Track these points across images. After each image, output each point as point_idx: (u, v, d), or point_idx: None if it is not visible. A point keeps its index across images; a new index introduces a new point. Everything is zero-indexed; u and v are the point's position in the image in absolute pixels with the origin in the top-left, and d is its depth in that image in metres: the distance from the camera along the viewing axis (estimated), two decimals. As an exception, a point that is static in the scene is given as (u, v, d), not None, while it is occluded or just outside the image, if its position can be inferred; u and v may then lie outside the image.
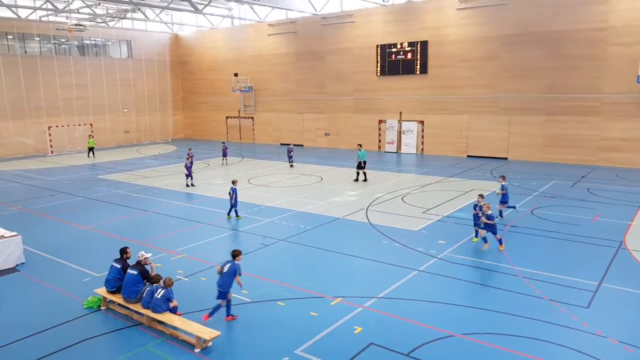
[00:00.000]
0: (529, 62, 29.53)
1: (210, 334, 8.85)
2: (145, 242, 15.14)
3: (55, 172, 29.89)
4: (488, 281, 11.73)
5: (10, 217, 18.64)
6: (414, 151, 34.82)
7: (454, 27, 32.01)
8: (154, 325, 9.66)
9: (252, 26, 42.58)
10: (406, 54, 34.00)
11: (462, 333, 9.25)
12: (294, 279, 11.98)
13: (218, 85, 46.26)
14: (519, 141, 30.65)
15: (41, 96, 38.87)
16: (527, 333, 9.23)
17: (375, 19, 35.42)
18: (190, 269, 12.84)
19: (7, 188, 24.79)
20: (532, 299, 10.75)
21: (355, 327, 9.53)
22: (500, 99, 31.01)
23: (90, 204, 20.97)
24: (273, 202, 20.25)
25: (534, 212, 18.02)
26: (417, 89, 34.19)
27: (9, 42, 37.68)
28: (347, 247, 14.41)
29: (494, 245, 14.17)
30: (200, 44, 47.20)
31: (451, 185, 23.24)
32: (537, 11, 28.80)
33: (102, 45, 43.70)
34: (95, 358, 8.73)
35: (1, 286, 12.17)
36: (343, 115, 38.32)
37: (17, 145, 37.96)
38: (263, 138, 43.48)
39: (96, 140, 39.36)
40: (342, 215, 17.98)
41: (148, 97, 46.75)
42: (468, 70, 31.84)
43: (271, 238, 15.40)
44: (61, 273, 12.83)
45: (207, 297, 10.92)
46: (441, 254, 13.64)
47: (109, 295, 10.43)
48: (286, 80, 41.17)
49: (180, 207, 20.15)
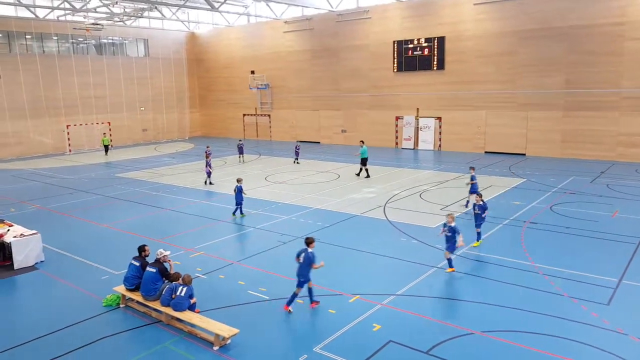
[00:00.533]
0: (546, 58, 29.08)
1: (229, 332, 8.85)
2: (164, 239, 15.23)
3: (73, 170, 30.26)
4: (507, 278, 11.55)
5: (29, 216, 18.90)
6: (431, 147, 34.55)
7: (471, 23, 31.65)
8: (173, 323, 9.69)
9: (268, 23, 42.61)
10: (423, 49, 33.71)
11: (482, 330, 9.13)
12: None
13: (234, 83, 46.40)
14: (537, 137, 30.22)
15: (59, 95, 39.37)
16: (547, 330, 9.08)
17: (391, 15, 35.17)
18: (208, 266, 12.87)
19: (26, 186, 25.15)
20: (551, 295, 10.58)
21: (374, 325, 9.45)
22: (517, 94, 30.59)
23: (109, 202, 21.17)
24: (290, 200, 20.24)
25: (553, 208, 17.74)
26: (434, 85, 33.89)
27: (28, 42, 38.21)
28: (365, 244, 14.33)
29: (513, 240, 13.99)
30: (216, 41, 47.38)
31: (469, 181, 22.96)
32: (555, 6, 28.37)
33: (119, 44, 44.11)
34: (114, 356, 8.77)
35: (21, 284, 12.34)
36: (359, 112, 38.17)
37: (36, 144, 38.53)
38: (280, 135, 43.51)
39: (113, 139, 39.78)
40: (360, 213, 17.89)
41: (165, 95, 47.10)
42: (485, 66, 31.47)
43: (289, 235, 15.37)
44: (80, 271, 12.95)
45: (225, 295, 10.94)
46: (460, 250, 13.46)
47: (127, 293, 10.49)
48: (302, 78, 41.13)
49: (197, 204, 20.24)
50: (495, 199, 19.40)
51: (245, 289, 11.33)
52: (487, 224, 15.72)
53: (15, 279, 12.58)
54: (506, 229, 15.41)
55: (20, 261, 13.13)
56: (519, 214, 16.98)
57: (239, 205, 17.79)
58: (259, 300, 10.73)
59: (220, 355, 8.62)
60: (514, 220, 16.28)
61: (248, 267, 12.80)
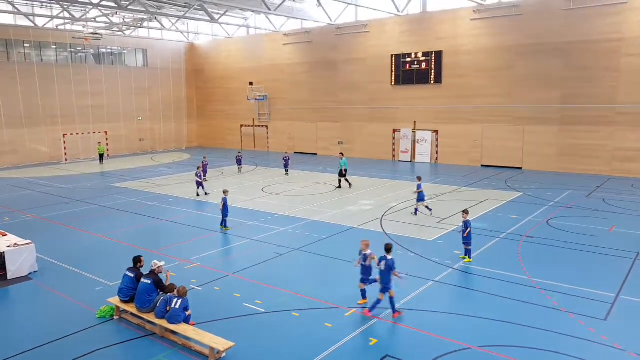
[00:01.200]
0: (543, 72, 29.31)
1: (224, 345, 8.75)
2: (159, 250, 15.14)
3: (69, 179, 30.14)
4: (504, 292, 11.50)
5: (24, 225, 18.77)
6: (428, 160, 34.61)
7: (468, 38, 31.91)
8: (167, 336, 9.58)
9: (268, 36, 42.84)
10: (421, 63, 33.91)
11: (479, 345, 9.07)
12: (308, 289, 11.86)
13: (233, 94, 46.50)
14: (533, 151, 30.34)
15: (56, 104, 39.32)
16: (544, 345, 9.04)
17: (389, 29, 35.43)
18: (204, 278, 12.78)
19: (21, 195, 25.02)
20: (548, 310, 10.54)
21: (370, 339, 9.39)
22: (514, 108, 30.76)
23: (104, 212, 21.07)
24: (287, 211, 20.18)
25: (550, 222, 17.74)
26: (432, 99, 34.05)
27: (26, 51, 38.24)
28: (361, 257, 14.25)
29: (510, 254, 13.97)
30: (215, 53, 47.56)
31: (466, 194, 23.01)
32: (551, 22, 28.65)
33: (118, 54, 44.21)
34: (108, 367, 8.67)
35: (14, 294, 12.21)
36: (357, 124, 38.28)
37: (32, 153, 38.40)
38: (277, 147, 43.53)
39: (110, 148, 39.73)
40: (357, 225, 17.85)
41: (163, 105, 47.13)
42: (482, 80, 31.67)
43: (285, 247, 15.31)
44: (74, 282, 12.83)
45: (220, 307, 10.85)
46: (457, 264, 13.45)
47: (122, 305, 10.38)
48: (300, 89, 41.27)
49: (193, 215, 20.16)
50: (492, 212, 19.40)
51: (241, 301, 11.24)
52: (484, 238, 15.76)
53: (8, 289, 12.45)
54: (503, 243, 15.39)
55: (14, 271, 13.00)
56: (515, 228, 16.97)
57: (224, 217, 17.71)
58: (254, 312, 10.64)
59: (215, 369, 8.53)
60: (510, 234, 16.27)
61: (244, 279, 12.71)
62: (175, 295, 9.64)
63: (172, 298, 9.60)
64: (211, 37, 47.64)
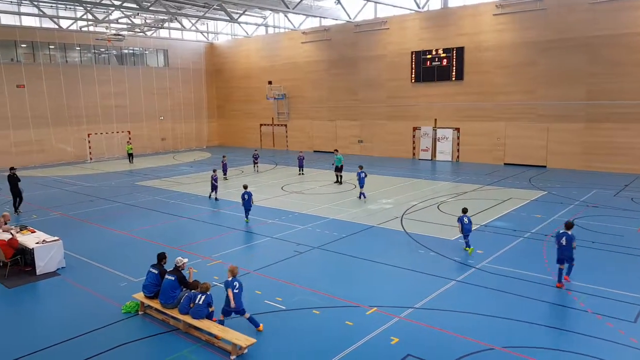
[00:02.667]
0: (568, 68, 28.78)
1: (247, 341, 8.82)
2: (182, 247, 15.31)
3: (94, 178, 30.67)
4: (529, 293, 11.33)
5: (51, 222, 19.16)
6: (449, 159, 34.31)
7: (490, 33, 31.51)
8: (190, 331, 9.69)
9: (286, 34, 42.93)
10: (441, 60, 33.62)
11: (503, 346, 8.96)
12: (329, 287, 11.87)
13: (252, 93, 46.73)
14: (558, 149, 29.83)
15: (81, 104, 40.04)
16: (571, 347, 8.87)
17: (409, 25, 35.19)
18: (225, 275, 12.80)
19: (48, 194, 25.54)
20: (575, 312, 10.35)
21: (392, 338, 9.34)
22: (538, 105, 30.29)
23: (128, 209, 21.38)
24: (306, 209, 20.22)
25: (576, 221, 17.40)
26: (453, 96, 33.74)
27: (51, 52, 38.99)
28: (382, 255, 14.22)
29: (534, 254, 13.79)
30: (234, 52, 47.85)
31: (488, 193, 22.75)
32: (577, 16, 28.10)
33: (139, 55, 44.79)
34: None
35: (43, 290, 12.49)
36: (376, 122, 38.13)
37: (58, 152, 39.17)
38: (296, 145, 43.59)
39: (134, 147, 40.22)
40: (377, 224, 17.79)
41: (184, 105, 47.62)
42: (505, 77, 31.25)
43: (305, 245, 15.34)
44: (100, 277, 13.07)
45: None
46: (479, 263, 13.31)
47: (146, 300, 10.53)
48: (319, 88, 41.28)
49: (215, 213, 20.34)
50: (515, 211, 19.14)
51: (262, 298, 11.30)
52: (508, 238, 15.61)
53: (37, 284, 12.75)
54: (527, 243, 15.18)
55: (43, 267, 13.31)
56: (539, 228, 16.72)
57: (247, 210, 18.38)
58: (275, 310, 10.69)
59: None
60: (535, 234, 16.03)
61: (264, 276, 12.78)
62: (199, 291, 9.73)
63: (196, 295, 9.69)
64: (230, 37, 47.96)
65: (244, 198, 18.16)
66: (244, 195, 18.16)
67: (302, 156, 30.10)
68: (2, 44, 36.06)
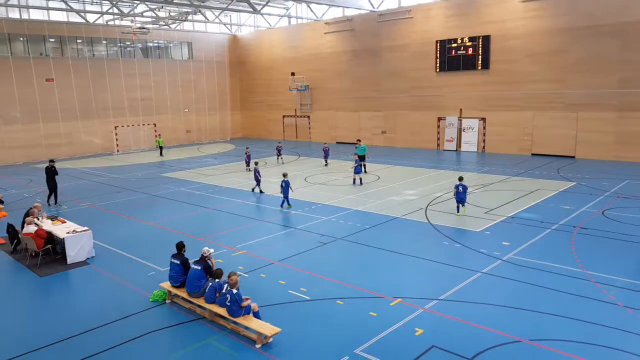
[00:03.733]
0: (599, 56, 28.00)
1: (271, 331, 8.89)
2: (207, 238, 15.50)
3: (121, 170, 31.21)
4: (556, 285, 11.14)
5: (81, 213, 19.59)
6: (474, 149, 33.86)
7: (518, 21, 30.84)
8: (216, 320, 9.82)
9: (309, 25, 42.81)
10: (467, 49, 33.10)
11: (530, 339, 8.83)
12: (352, 278, 11.87)
13: (275, 85, 46.82)
14: (587, 139, 29.13)
15: (108, 97, 40.72)
16: (600, 341, 8.69)
17: (434, 14, 34.70)
18: (250, 265, 13.00)
19: (77, 185, 26.10)
20: (604, 305, 10.13)
21: (416, 329, 9.30)
22: (567, 94, 29.59)
23: (155, 200, 21.71)
24: (330, 201, 20.22)
25: (606, 213, 17.04)
26: (479, 85, 33.21)
27: (78, 46, 39.68)
28: (406, 247, 14.15)
29: (563, 246, 13.54)
30: (257, 44, 47.94)
31: (515, 184, 22.40)
32: (609, 2, 27.27)
33: (164, 47, 45.26)
34: (160, 350, 8.97)
35: (73, 278, 12.80)
36: (400, 112, 37.82)
37: (86, 144, 39.97)
38: (319, 137, 43.59)
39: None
40: (401, 215, 17.69)
41: (208, 97, 48.02)
42: (533, 65, 30.59)
43: (329, 237, 15.35)
44: (128, 267, 13.33)
45: (266, 294, 11.00)
46: (506, 255, 13.12)
47: (173, 289, 10.70)
48: (342, 79, 41.11)
49: (239, 204, 20.49)
50: (543, 202, 18.80)
51: (286, 288, 11.37)
52: (535, 229, 15.38)
53: (68, 273, 13.07)
54: (555, 235, 14.90)
55: (73, 256, 13.63)
56: (568, 219, 16.39)
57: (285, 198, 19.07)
58: (300, 300, 10.74)
59: (262, 353, 8.67)
60: (563, 226, 15.72)
61: (288, 266, 12.85)
62: (224, 281, 9.76)
63: (221, 285, 9.77)
64: (253, 29, 48.05)
65: (282, 186, 19.10)
66: (282, 183, 19.10)
67: (327, 147, 30.08)
68: (32, 39, 36.84)
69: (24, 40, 36.55)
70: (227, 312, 9.46)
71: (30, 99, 36.59)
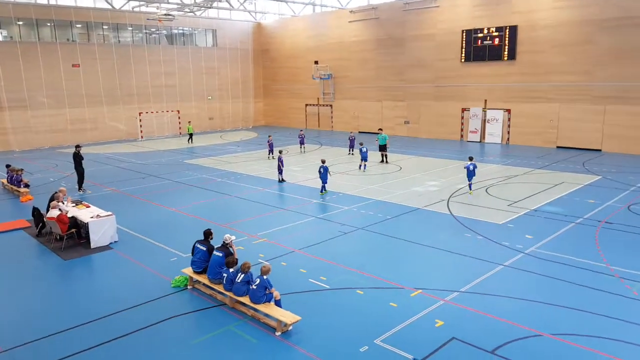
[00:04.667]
0: (629, 47, 27.23)
1: (292, 319, 8.95)
2: (228, 225, 15.63)
3: (145, 156, 31.60)
4: (580, 280, 10.97)
5: (104, 198, 19.92)
6: (498, 141, 33.38)
7: (547, 11, 30.15)
8: (237, 307, 9.92)
9: (334, 13, 42.51)
10: (493, 39, 32.52)
11: (552, 333, 8.73)
12: (373, 268, 11.87)
13: (298, 73, 46.72)
14: (614, 132, 28.47)
15: (132, 83, 41.13)
16: (624, 337, 8.56)
17: (461, 3, 34.12)
18: (271, 253, 13.08)
19: (101, 170, 26.52)
20: (629, 300, 9.96)
21: (437, 321, 9.27)
22: (594, 86, 28.90)
23: (177, 187, 21.95)
24: (351, 190, 20.19)
25: (631, 207, 16.68)
26: (504, 76, 32.64)
27: (104, 32, 40.12)
28: (427, 238, 14.07)
29: (587, 241, 13.31)
30: (281, 32, 47.83)
31: (540, 177, 22.04)
32: (641, -9, 26.50)
33: (189, 35, 45.46)
34: (181, 335, 9.10)
35: (97, 262, 13.04)
36: (424, 103, 37.44)
37: (111, 130, 40.51)
38: (341, 126, 43.46)
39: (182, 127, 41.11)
40: (423, 206, 17.58)
41: (231, 84, 48.17)
42: (560, 56, 29.92)
43: (349, 226, 15.35)
44: (151, 252, 13.52)
45: (287, 282, 11.07)
46: (528, 249, 12.96)
47: (195, 275, 10.83)
48: (366, 68, 40.80)
49: (261, 192, 20.60)
50: (568, 196, 18.48)
51: (307, 277, 11.42)
52: (559, 223, 15.15)
53: (92, 257, 13.32)
54: (579, 229, 14.65)
55: (96, 241, 13.87)
56: (593, 213, 16.10)
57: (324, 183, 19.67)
58: (320, 289, 10.79)
59: (282, 341, 8.75)
60: (587, 219, 15.45)
61: (309, 255, 12.89)
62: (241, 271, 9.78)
63: (235, 274, 9.82)
64: (278, 16, 47.88)
65: (320, 172, 19.60)
66: (320, 169, 19.61)
67: (353, 137, 30.04)
68: (59, 24, 37.35)
69: (51, 26, 37.09)
70: (250, 298, 9.53)
71: (57, 84, 37.17)
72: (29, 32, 36.30)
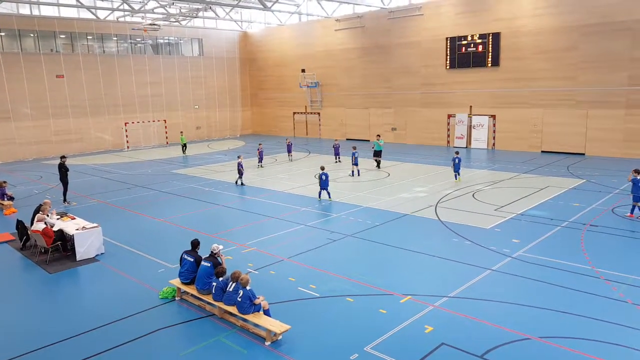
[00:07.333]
0: (609, 53, 27.75)
1: (281, 328, 8.91)
2: (217, 234, 15.56)
3: (131, 166, 31.39)
4: (566, 282, 11.08)
5: (90, 209, 19.73)
6: (484, 146, 33.71)
7: (528, 18, 30.62)
8: (226, 317, 9.86)
9: (320, 22, 42.74)
10: (477, 46, 32.91)
11: (540, 336, 8.80)
12: (362, 275, 11.88)
13: (285, 82, 46.83)
14: (597, 136, 28.91)
15: (118, 93, 40.91)
16: (610, 338, 8.65)
17: (444, 11, 34.52)
18: (259, 262, 13.04)
19: (87, 181, 26.28)
20: (614, 302, 10.08)
21: (426, 326, 9.30)
22: (577, 91, 29.35)
23: (164, 197, 21.82)
24: (340, 198, 20.22)
25: (615, 210, 16.92)
26: (489, 82, 33.03)
27: (89, 42, 39.90)
28: (416, 244, 14.13)
29: (572, 244, 13.46)
30: (268, 40, 47.95)
31: (525, 181, 22.27)
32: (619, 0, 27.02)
33: (175, 44, 45.38)
34: (169, 348, 9.01)
35: (83, 275, 12.88)
36: (410, 109, 37.71)
37: (96, 141, 40.20)
38: (329, 133, 43.58)
39: (168, 136, 40.90)
40: (411, 212, 17.66)
41: (218, 93, 48.12)
42: (543, 62, 30.36)
43: (338, 233, 15.37)
44: (138, 264, 13.40)
45: (276, 291, 11.03)
46: (515, 253, 13.07)
47: (182, 286, 10.75)
48: (352, 75, 41.03)
49: (249, 201, 20.56)
50: (553, 200, 18.69)
51: (296, 285, 11.40)
52: (545, 226, 15.30)
53: (77, 269, 13.16)
54: (565, 232, 14.82)
55: (82, 253, 13.69)
56: (578, 216, 16.30)
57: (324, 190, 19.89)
58: (309, 297, 10.77)
59: (272, 351, 8.70)
60: (572, 223, 15.64)
61: (298, 263, 12.88)
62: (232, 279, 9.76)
63: (226, 283, 9.77)
64: (264, 25, 48.01)
65: (321, 178, 19.74)
66: (321, 175, 19.76)
67: (337, 144, 30.10)
68: (42, 35, 37.09)
69: (34, 36, 36.81)
70: (237, 309, 9.48)
71: (41, 95, 36.83)
72: (11, 42, 35.99)
